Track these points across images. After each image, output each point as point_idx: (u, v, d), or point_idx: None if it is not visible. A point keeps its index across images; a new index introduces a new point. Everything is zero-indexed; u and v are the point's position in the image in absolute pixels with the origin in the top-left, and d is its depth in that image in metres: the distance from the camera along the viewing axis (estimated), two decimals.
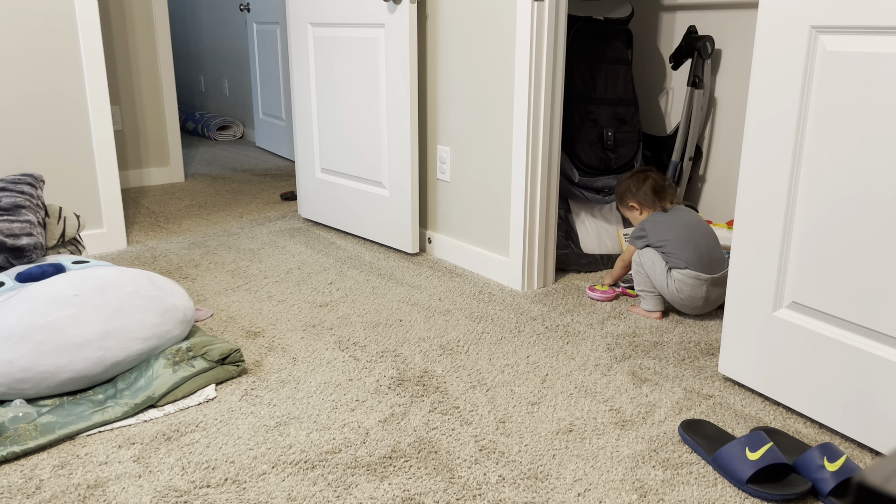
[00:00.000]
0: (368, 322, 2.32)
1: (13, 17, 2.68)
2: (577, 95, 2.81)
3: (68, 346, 1.76)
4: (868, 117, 1.52)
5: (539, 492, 1.48)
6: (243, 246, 3.09)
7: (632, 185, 2.47)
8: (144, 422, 1.73)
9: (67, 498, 1.45)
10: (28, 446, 1.59)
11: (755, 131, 1.74)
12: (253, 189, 4.12)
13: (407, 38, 2.73)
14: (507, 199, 2.64)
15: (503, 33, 2.51)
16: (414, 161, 2.86)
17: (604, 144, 2.83)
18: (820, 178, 1.63)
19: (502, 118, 2.58)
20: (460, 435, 1.68)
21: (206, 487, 1.49)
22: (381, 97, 2.90)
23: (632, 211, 2.51)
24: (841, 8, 1.53)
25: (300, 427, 1.71)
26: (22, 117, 2.77)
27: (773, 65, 1.68)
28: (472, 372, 1.99)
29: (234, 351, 1.93)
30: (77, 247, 2.49)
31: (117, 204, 3.01)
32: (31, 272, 1.96)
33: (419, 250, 3.05)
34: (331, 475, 1.53)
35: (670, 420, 1.75)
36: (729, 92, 3.04)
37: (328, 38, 3.07)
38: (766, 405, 1.83)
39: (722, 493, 1.48)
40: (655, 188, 2.43)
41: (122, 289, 1.89)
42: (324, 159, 3.26)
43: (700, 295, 2.29)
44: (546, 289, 2.63)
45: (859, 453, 1.62)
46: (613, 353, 2.11)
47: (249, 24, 5.18)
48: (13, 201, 2.20)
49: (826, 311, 1.66)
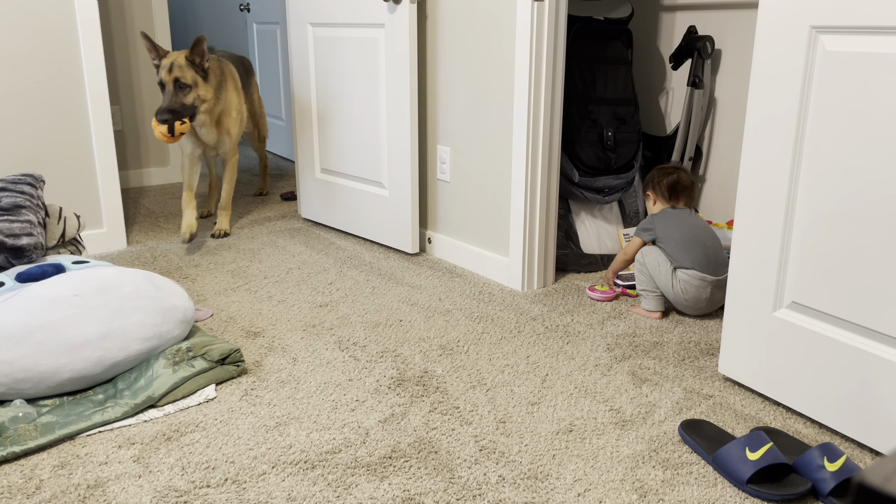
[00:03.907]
0: (368, 322, 2.32)
1: (13, 17, 2.68)
2: (577, 95, 2.81)
3: (68, 346, 1.76)
4: (868, 117, 1.52)
5: (539, 492, 1.48)
6: (243, 246, 3.09)
7: (656, 175, 2.54)
8: (144, 422, 1.73)
9: (67, 498, 1.45)
10: (28, 446, 1.59)
11: (755, 130, 1.74)
12: (253, 189, 4.12)
13: (407, 38, 2.73)
14: (507, 199, 2.64)
15: (503, 33, 2.51)
16: (414, 161, 2.86)
17: (604, 144, 2.83)
18: (820, 178, 1.63)
19: (502, 118, 2.58)
20: (460, 435, 1.68)
21: (206, 487, 1.49)
22: (381, 97, 2.90)
23: (647, 199, 2.58)
24: (841, 8, 1.53)
25: (300, 427, 1.72)
26: (22, 117, 2.77)
27: (773, 65, 1.68)
28: (472, 372, 1.99)
29: (234, 351, 1.93)
30: (77, 247, 2.49)
31: (117, 204, 3.01)
32: (31, 272, 1.96)
33: (419, 250, 3.05)
34: (331, 475, 1.53)
35: (670, 420, 1.75)
36: (729, 92, 3.04)
37: (328, 38, 3.07)
38: (766, 405, 1.83)
39: (722, 493, 1.48)
40: (672, 185, 2.48)
41: (122, 289, 1.89)
42: (324, 159, 3.26)
43: (704, 296, 2.30)
44: (546, 289, 2.63)
45: (859, 453, 1.62)
46: (613, 353, 2.11)
47: (249, 24, 5.18)
48: (13, 201, 2.20)
49: (826, 311, 1.66)
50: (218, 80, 2.97)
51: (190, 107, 2.80)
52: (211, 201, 3.63)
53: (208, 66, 2.84)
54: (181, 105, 2.76)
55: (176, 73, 2.76)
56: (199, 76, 2.82)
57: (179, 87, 2.77)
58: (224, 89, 3.03)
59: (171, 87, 2.75)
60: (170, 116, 2.70)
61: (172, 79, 2.76)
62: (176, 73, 2.76)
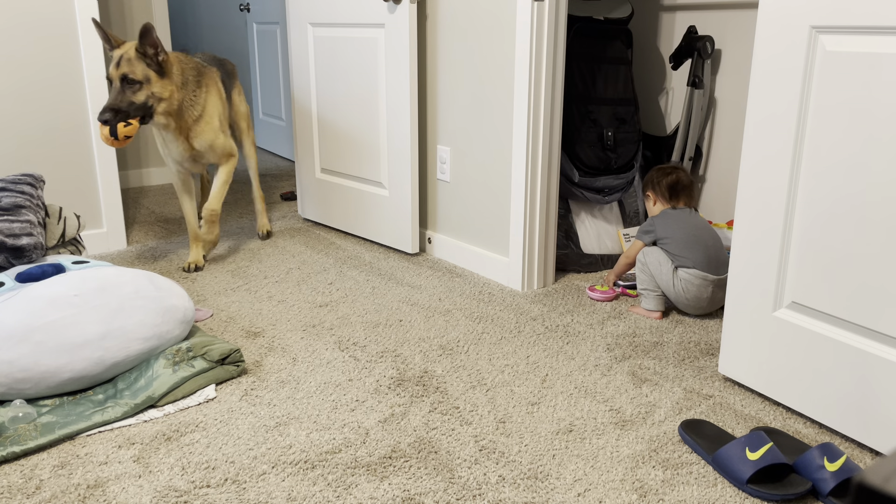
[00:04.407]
0: (368, 322, 2.32)
1: (13, 18, 2.68)
2: (577, 95, 2.81)
3: (68, 346, 1.76)
4: (868, 117, 1.52)
5: (539, 492, 1.48)
6: (243, 246, 3.09)
7: (655, 176, 2.53)
8: (144, 422, 1.73)
9: (67, 498, 1.45)
10: (28, 446, 1.59)
11: (755, 130, 1.74)
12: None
13: (407, 38, 2.73)
14: (507, 199, 2.64)
15: (503, 33, 2.51)
16: (414, 161, 2.86)
17: (604, 144, 2.83)
18: (820, 178, 1.63)
19: (502, 118, 2.58)
20: (460, 435, 1.68)
21: (206, 487, 1.49)
22: (381, 97, 2.90)
23: (647, 199, 2.57)
24: (841, 8, 1.53)
25: (300, 427, 1.72)
26: (22, 118, 2.77)
27: (773, 64, 1.68)
28: (472, 372, 1.99)
29: (234, 351, 1.93)
30: (77, 247, 2.49)
31: (117, 204, 3.01)
32: (31, 272, 1.96)
33: (419, 250, 3.05)
34: (331, 475, 1.53)
35: (670, 420, 1.75)
36: (729, 92, 3.04)
37: (328, 38, 3.07)
38: (766, 405, 1.83)
39: (722, 493, 1.48)
40: (672, 185, 2.48)
41: (122, 289, 1.89)
42: (324, 159, 3.26)
43: (706, 296, 2.30)
44: (546, 289, 2.63)
45: (859, 453, 1.62)
46: (613, 354, 2.11)
47: (249, 24, 5.18)
48: (13, 201, 2.20)
49: (826, 311, 1.66)
50: (188, 79, 2.61)
51: (140, 106, 2.43)
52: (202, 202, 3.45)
53: (164, 60, 2.47)
54: (129, 104, 2.41)
55: (124, 69, 2.40)
56: (153, 71, 2.44)
57: (128, 84, 2.41)
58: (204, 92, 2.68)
59: (117, 84, 2.41)
60: (111, 116, 2.36)
61: (119, 74, 2.41)
62: (124, 69, 2.40)
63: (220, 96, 2.78)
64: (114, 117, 2.36)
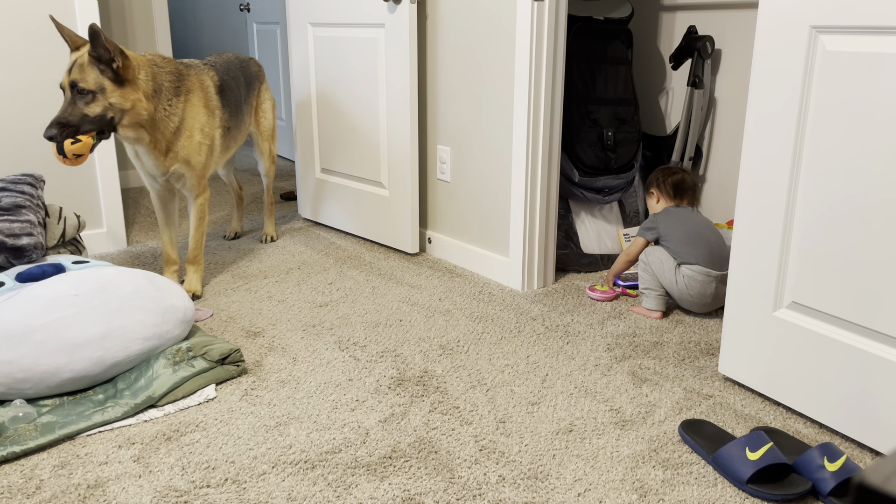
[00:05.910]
0: (368, 322, 2.32)
1: (13, 17, 2.68)
2: (577, 95, 2.81)
3: (68, 346, 1.76)
4: (868, 117, 1.52)
5: (539, 492, 1.48)
6: (243, 246, 3.09)
7: (660, 175, 2.55)
8: (144, 422, 1.73)
9: (67, 498, 1.45)
10: (28, 446, 1.59)
11: (755, 130, 1.74)
12: (253, 189, 4.12)
13: (407, 38, 2.73)
14: (507, 199, 2.64)
15: (503, 33, 2.51)
16: (414, 161, 2.86)
17: (604, 144, 2.83)
18: (820, 177, 1.63)
19: (502, 118, 2.58)
20: (460, 435, 1.68)
21: (206, 487, 1.49)
22: (381, 97, 2.90)
23: (650, 197, 2.57)
24: (841, 8, 1.53)
25: (300, 427, 1.72)
26: (22, 118, 2.77)
27: (772, 64, 1.68)
28: (472, 372, 1.99)
29: (234, 351, 1.93)
30: (77, 247, 2.49)
31: (117, 204, 3.01)
32: (31, 272, 1.96)
33: (419, 250, 3.05)
34: (331, 475, 1.53)
35: (670, 420, 1.75)
36: (729, 92, 3.04)
37: (328, 38, 3.07)
38: (766, 405, 1.83)
39: (722, 493, 1.48)
40: (678, 184, 2.50)
41: (122, 289, 1.89)
42: (324, 159, 3.26)
43: (709, 292, 2.30)
44: (546, 289, 2.63)
45: (859, 453, 1.62)
46: (613, 353, 2.11)
47: (249, 24, 5.18)
48: (13, 201, 2.20)
49: (826, 311, 1.66)
50: (162, 85, 2.26)
51: (95, 119, 2.08)
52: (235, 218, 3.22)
53: (120, 66, 2.10)
54: (80, 117, 2.06)
55: (74, 75, 2.06)
56: (108, 78, 2.08)
57: (79, 94, 2.07)
58: (182, 101, 2.32)
59: (68, 93, 2.08)
60: (56, 132, 2.03)
61: (69, 82, 2.07)
62: (74, 75, 2.06)
63: (205, 105, 2.42)
64: (60, 133, 2.03)
